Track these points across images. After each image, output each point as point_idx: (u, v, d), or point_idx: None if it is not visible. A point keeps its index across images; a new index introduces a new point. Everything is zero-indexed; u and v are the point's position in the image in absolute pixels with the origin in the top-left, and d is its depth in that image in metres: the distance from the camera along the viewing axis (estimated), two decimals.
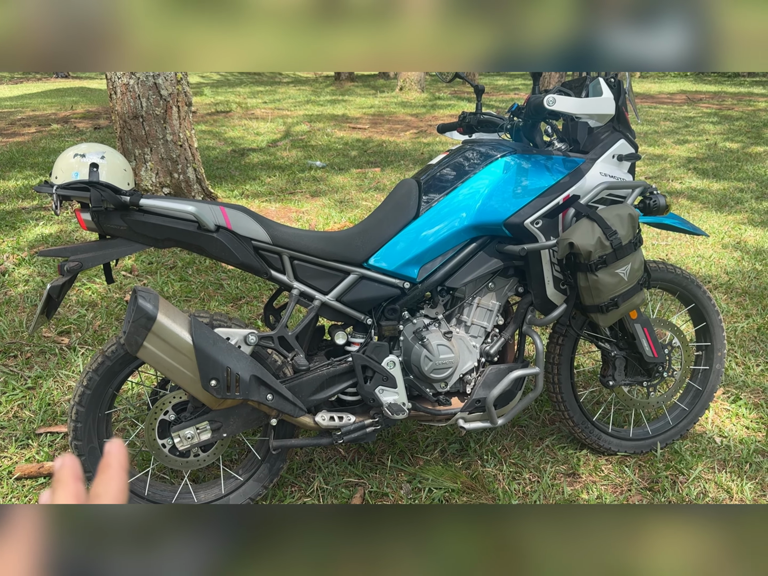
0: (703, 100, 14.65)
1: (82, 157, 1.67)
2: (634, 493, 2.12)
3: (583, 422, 2.24)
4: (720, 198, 5.81)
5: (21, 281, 3.58)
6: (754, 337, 3.19)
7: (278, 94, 15.25)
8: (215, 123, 9.96)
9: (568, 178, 1.90)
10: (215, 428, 1.82)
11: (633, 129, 2.06)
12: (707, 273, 4.01)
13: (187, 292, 3.55)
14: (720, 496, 2.10)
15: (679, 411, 2.39)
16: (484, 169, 1.89)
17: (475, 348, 2.01)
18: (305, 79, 22.41)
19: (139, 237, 1.71)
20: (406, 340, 1.97)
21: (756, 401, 2.65)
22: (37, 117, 10.39)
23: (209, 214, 1.72)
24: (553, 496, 2.08)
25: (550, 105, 1.74)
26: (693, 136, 9.25)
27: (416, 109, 12.21)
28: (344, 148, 8.10)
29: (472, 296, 2.00)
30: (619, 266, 1.81)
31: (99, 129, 8.79)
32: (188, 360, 1.65)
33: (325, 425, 1.88)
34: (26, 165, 6.43)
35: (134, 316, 1.60)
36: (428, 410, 1.99)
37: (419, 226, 1.89)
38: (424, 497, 2.06)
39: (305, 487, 2.11)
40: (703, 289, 2.27)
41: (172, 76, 4.32)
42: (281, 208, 5.21)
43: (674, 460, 2.27)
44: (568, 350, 2.17)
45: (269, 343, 1.82)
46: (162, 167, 4.48)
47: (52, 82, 19.69)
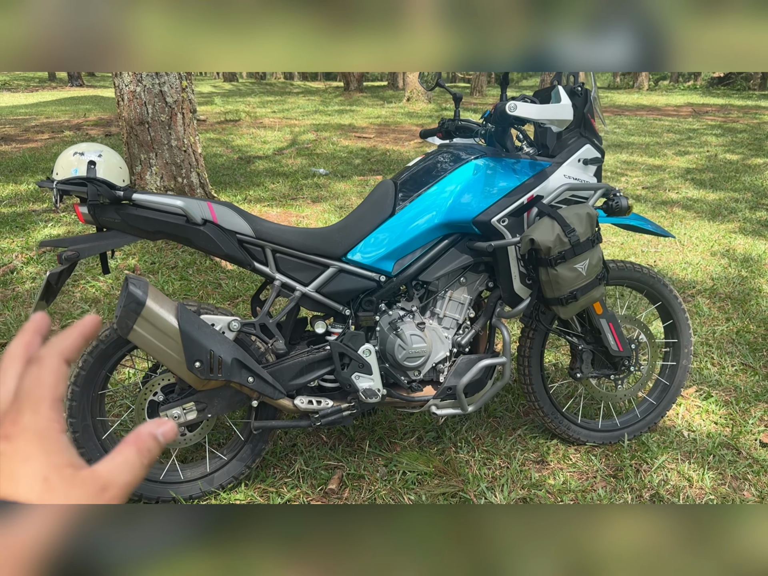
0: (709, 112, 14.74)
1: (81, 155, 1.82)
2: (598, 480, 2.23)
3: (553, 413, 2.35)
4: (714, 207, 5.91)
5: (28, 278, 3.75)
6: (732, 340, 3.29)
7: (287, 104, 15.49)
8: (224, 131, 10.17)
9: (532, 179, 2.03)
10: (200, 408, 1.96)
11: (599, 135, 2.19)
12: (693, 278, 4.11)
13: (186, 290, 3.70)
14: (681, 484, 2.21)
15: (647, 405, 2.50)
16: (455, 171, 2.03)
17: (447, 339, 2.13)
18: (315, 89, 22.68)
19: (132, 229, 1.86)
20: (382, 330, 2.10)
21: (727, 399, 2.75)
22: (51, 124, 10.65)
23: (197, 209, 1.86)
24: (520, 481, 2.20)
25: (511, 111, 1.88)
26: (694, 148, 9.35)
27: (422, 119, 12.39)
28: (348, 156, 8.27)
29: (444, 290, 2.13)
30: (578, 261, 1.94)
31: (110, 136, 9.01)
32: (174, 343, 1.78)
33: (303, 408, 2.01)
34: (38, 170, 6.64)
35: (125, 301, 1.74)
36: (403, 397, 2.12)
37: (394, 224, 2.03)
38: (398, 479, 2.18)
39: (287, 468, 2.24)
40: (670, 287, 2.39)
41: (177, 84, 4.49)
42: (282, 213, 5.37)
43: (640, 451, 2.38)
44: (538, 344, 2.29)
45: (251, 329, 1.96)
46: (166, 171, 4.65)
47: (66, 91, 20.05)
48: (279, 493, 2.13)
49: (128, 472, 0.39)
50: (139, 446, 0.40)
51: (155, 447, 0.41)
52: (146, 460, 0.40)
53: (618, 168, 7.86)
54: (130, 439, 0.40)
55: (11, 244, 4.26)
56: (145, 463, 0.40)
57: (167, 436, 0.41)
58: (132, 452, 0.39)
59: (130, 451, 0.39)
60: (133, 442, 0.40)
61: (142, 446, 0.40)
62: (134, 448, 0.40)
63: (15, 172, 6.55)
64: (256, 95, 18.91)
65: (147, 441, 0.40)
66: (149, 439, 0.40)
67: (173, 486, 2.07)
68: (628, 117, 13.54)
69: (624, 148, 9.32)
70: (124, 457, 0.39)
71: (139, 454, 0.40)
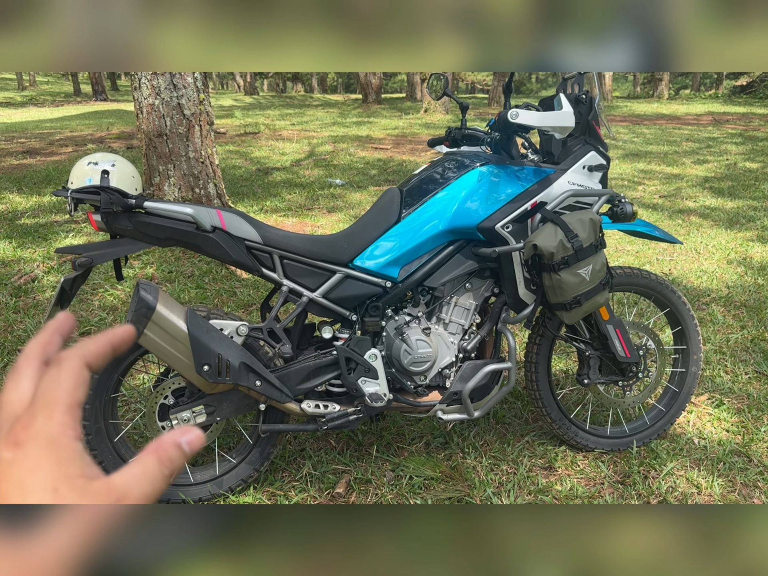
0: (730, 121, 14.61)
1: (95, 164, 1.88)
2: (606, 486, 2.23)
3: (560, 419, 2.36)
4: (732, 216, 5.86)
5: (49, 287, 3.84)
6: (746, 348, 3.27)
7: (306, 116, 15.66)
8: (243, 143, 10.32)
9: (536, 186, 2.05)
10: (209, 412, 2.00)
11: (605, 142, 2.21)
12: (708, 286, 4.08)
13: (202, 298, 3.77)
14: (689, 491, 2.20)
15: (656, 412, 2.49)
16: (460, 178, 2.06)
17: (453, 344, 2.15)
18: (334, 101, 22.88)
19: (144, 236, 1.91)
20: (388, 335, 2.13)
21: (739, 406, 2.73)
22: (75, 137, 10.89)
23: (206, 216, 1.91)
24: (527, 487, 2.20)
25: (513, 118, 1.90)
26: (713, 156, 9.28)
27: (439, 130, 12.44)
28: (365, 167, 8.34)
29: (450, 295, 2.16)
30: (581, 267, 1.95)
31: (131, 149, 9.19)
32: (184, 347, 1.83)
33: (310, 412, 2.04)
34: (61, 182, 6.79)
35: (136, 306, 1.79)
36: (409, 402, 2.14)
37: (400, 230, 2.06)
38: (405, 484, 2.20)
39: (295, 472, 2.27)
40: (678, 294, 2.39)
41: (195, 97, 4.59)
42: (297, 223, 5.43)
43: (649, 458, 2.37)
44: (545, 350, 2.30)
45: (259, 334, 2.00)
46: (184, 183, 4.74)
47: (90, 105, 20.47)
48: (287, 496, 2.16)
49: (147, 482, 0.36)
50: (161, 455, 0.37)
51: (179, 456, 0.38)
52: (167, 471, 0.37)
53: (635, 177, 7.83)
54: (152, 447, 0.37)
55: (33, 253, 4.37)
56: (166, 473, 0.37)
57: (193, 444, 0.38)
58: (152, 461, 0.37)
59: (150, 461, 0.37)
60: (154, 451, 0.37)
61: (164, 455, 0.37)
62: (155, 457, 0.37)
63: (39, 184, 6.71)
64: (275, 108, 19.15)
65: (169, 450, 0.37)
66: (172, 447, 0.38)
67: (183, 488, 2.11)
68: (646, 126, 13.47)
69: (642, 157, 9.28)
70: (143, 466, 0.36)
71: (160, 464, 0.37)
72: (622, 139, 11.13)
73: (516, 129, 2.05)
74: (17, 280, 3.89)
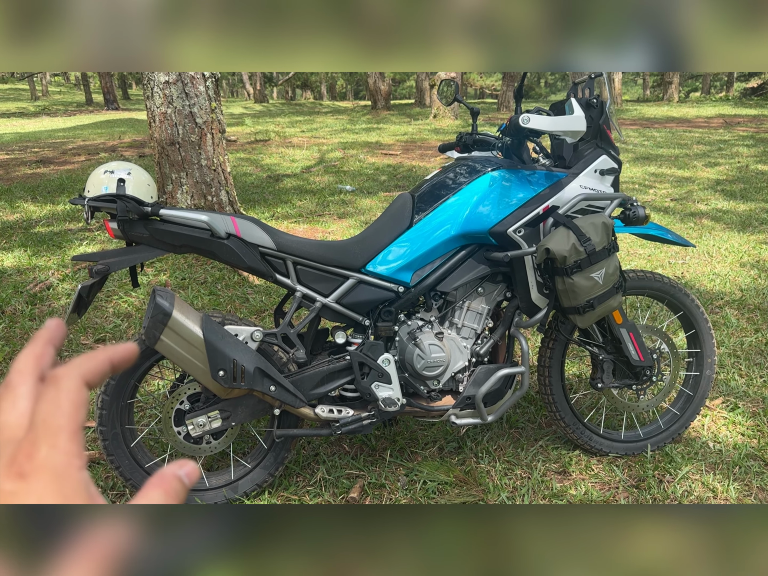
0: (741, 123, 14.53)
1: (111, 173, 1.91)
2: (621, 490, 2.22)
3: (574, 423, 2.35)
4: (744, 219, 5.83)
5: (63, 295, 3.88)
6: (760, 351, 3.25)
7: (316, 123, 15.73)
8: (253, 151, 10.38)
9: (548, 190, 2.06)
10: (225, 417, 2.02)
11: (616, 146, 2.21)
12: (721, 290, 4.06)
13: (215, 304, 3.79)
14: (705, 495, 2.18)
15: (671, 415, 2.48)
16: (472, 183, 2.06)
17: (466, 348, 2.16)
18: (343, 108, 22.96)
19: (159, 244, 1.93)
20: (401, 340, 2.14)
21: (754, 410, 2.71)
22: (87, 146, 11.00)
23: (221, 223, 1.93)
24: (541, 492, 2.20)
25: (524, 123, 1.91)
26: (725, 159, 9.23)
27: (449, 135, 12.46)
28: (375, 173, 8.36)
29: (462, 300, 2.16)
30: (594, 270, 1.95)
31: (143, 157, 9.27)
32: (199, 352, 1.85)
33: (324, 417, 2.05)
34: (74, 190, 6.86)
35: (153, 312, 1.81)
36: (422, 406, 2.14)
37: (412, 235, 2.07)
38: (419, 489, 2.20)
39: (309, 477, 2.28)
40: (692, 297, 2.38)
41: (207, 105, 4.63)
42: (308, 229, 5.46)
43: (663, 462, 2.36)
44: (558, 354, 2.30)
45: (273, 339, 2.01)
46: (197, 190, 4.78)
47: (102, 114, 20.67)
48: (301, 500, 2.17)
49: None
50: (166, 488, 0.36)
51: (182, 489, 0.37)
52: (173, 503, 0.37)
53: (646, 180, 7.80)
54: (155, 482, 0.37)
55: (48, 261, 4.42)
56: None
57: (191, 477, 0.38)
58: (158, 495, 0.36)
59: (156, 494, 0.36)
60: (159, 485, 0.37)
61: (169, 488, 0.37)
62: (161, 491, 0.36)
63: (53, 193, 6.79)
64: (285, 115, 19.25)
65: (172, 482, 0.37)
66: (174, 480, 0.37)
67: (199, 493, 2.13)
68: (657, 129, 13.42)
69: (652, 160, 9.25)
70: (149, 500, 0.36)
71: (167, 497, 0.36)
72: (632, 143, 11.10)
73: (527, 134, 2.06)
74: (33, 287, 3.94)
